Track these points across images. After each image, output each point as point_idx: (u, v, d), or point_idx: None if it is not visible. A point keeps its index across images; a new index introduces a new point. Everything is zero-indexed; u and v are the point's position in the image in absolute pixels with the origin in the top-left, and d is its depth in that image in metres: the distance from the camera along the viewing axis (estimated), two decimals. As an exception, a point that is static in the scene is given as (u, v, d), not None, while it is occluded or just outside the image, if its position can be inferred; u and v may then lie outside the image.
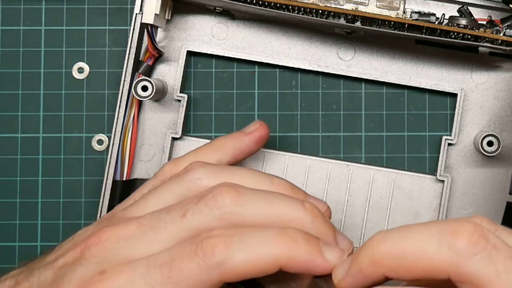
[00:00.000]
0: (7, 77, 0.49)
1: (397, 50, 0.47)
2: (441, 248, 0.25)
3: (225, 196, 0.30)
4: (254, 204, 0.31)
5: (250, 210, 0.30)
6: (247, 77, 0.49)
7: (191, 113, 0.49)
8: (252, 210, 0.30)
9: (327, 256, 0.29)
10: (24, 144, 0.49)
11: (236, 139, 0.40)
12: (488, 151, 0.45)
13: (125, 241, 0.30)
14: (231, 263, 0.28)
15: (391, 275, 0.26)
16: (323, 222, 0.32)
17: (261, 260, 0.29)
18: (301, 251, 0.29)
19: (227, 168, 0.35)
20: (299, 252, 0.29)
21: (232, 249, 0.28)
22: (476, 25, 0.42)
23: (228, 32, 0.48)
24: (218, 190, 0.31)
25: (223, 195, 0.30)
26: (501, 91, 0.47)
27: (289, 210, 0.31)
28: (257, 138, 0.40)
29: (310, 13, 0.42)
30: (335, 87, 0.49)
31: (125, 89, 0.46)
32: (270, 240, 0.29)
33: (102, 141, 0.49)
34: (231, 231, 0.29)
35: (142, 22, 0.45)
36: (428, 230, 0.26)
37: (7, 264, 0.48)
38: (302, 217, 0.31)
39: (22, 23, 0.49)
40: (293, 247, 0.29)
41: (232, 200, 0.30)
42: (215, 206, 0.30)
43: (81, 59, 0.49)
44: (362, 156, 0.48)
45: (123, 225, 0.31)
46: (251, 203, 0.31)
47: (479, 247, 0.25)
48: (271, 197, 0.31)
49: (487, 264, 0.24)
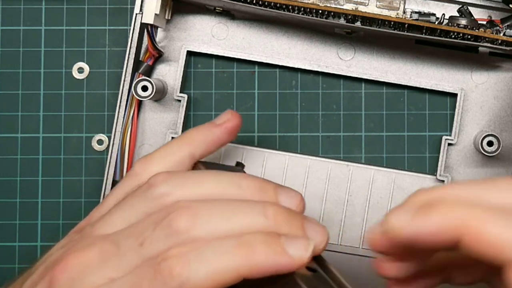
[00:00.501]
0: (7, 77, 0.49)
1: (397, 50, 0.47)
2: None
3: (180, 221, 0.30)
4: (211, 224, 0.30)
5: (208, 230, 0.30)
6: (247, 77, 0.49)
7: (191, 113, 0.49)
8: (210, 230, 0.30)
9: (291, 252, 0.28)
10: (24, 144, 0.49)
11: (207, 131, 0.39)
12: (488, 151, 0.45)
13: (89, 268, 0.30)
14: (191, 283, 0.28)
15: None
16: (287, 221, 0.31)
17: (222, 275, 0.28)
18: (261, 257, 0.28)
19: (191, 177, 0.33)
20: (259, 258, 0.28)
21: (190, 268, 0.28)
22: (476, 25, 0.42)
23: (228, 32, 0.48)
24: (173, 215, 0.30)
25: (178, 219, 0.30)
26: (501, 91, 0.47)
27: (250, 224, 0.30)
28: (229, 129, 0.39)
29: (310, 13, 0.42)
30: (335, 87, 0.49)
31: (125, 89, 0.46)
32: (227, 253, 0.28)
33: (102, 141, 0.49)
34: (188, 248, 0.29)
35: (142, 22, 0.45)
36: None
37: (7, 264, 0.48)
38: (264, 225, 0.30)
39: (22, 23, 0.49)
40: (252, 255, 0.28)
41: (187, 223, 0.30)
42: (171, 232, 0.30)
43: (81, 59, 0.49)
44: (362, 156, 0.48)
45: (87, 251, 0.31)
46: (208, 224, 0.30)
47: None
48: (231, 212, 0.31)
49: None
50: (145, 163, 0.36)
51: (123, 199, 0.34)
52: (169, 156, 0.36)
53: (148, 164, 0.36)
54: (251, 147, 0.47)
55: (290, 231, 0.30)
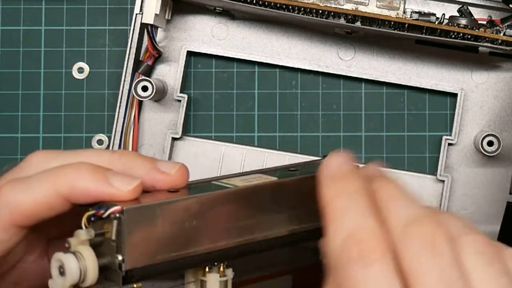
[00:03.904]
0: (7, 77, 0.49)
1: (397, 50, 0.47)
2: None
3: (34, 155, 0.32)
4: (60, 156, 0.32)
5: (57, 162, 0.31)
6: (247, 77, 0.49)
7: (191, 113, 0.49)
8: (59, 161, 0.31)
9: (115, 183, 0.29)
10: (24, 144, 0.49)
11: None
12: (488, 151, 0.45)
13: None
14: (15, 203, 0.29)
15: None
16: (133, 156, 0.32)
17: (43, 194, 0.29)
18: (83, 180, 0.29)
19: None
20: (81, 181, 0.29)
21: (16, 188, 0.30)
22: (476, 25, 0.42)
23: (228, 32, 0.48)
24: (30, 154, 0.32)
25: (32, 155, 0.32)
26: (501, 91, 0.47)
27: (95, 157, 0.31)
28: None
29: (310, 13, 0.42)
30: (335, 87, 0.49)
31: (125, 89, 0.46)
32: (51, 175, 0.30)
33: (102, 141, 0.49)
34: (23, 176, 0.31)
35: (142, 22, 0.45)
36: None
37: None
38: (109, 158, 0.32)
39: (22, 23, 0.49)
40: (74, 177, 0.29)
41: (39, 156, 0.32)
42: (25, 165, 0.31)
43: (81, 59, 0.49)
44: (362, 156, 0.48)
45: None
46: (57, 156, 0.32)
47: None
48: (79, 150, 0.32)
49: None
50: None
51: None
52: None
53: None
54: (251, 147, 0.47)
55: (137, 167, 0.31)
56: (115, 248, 0.28)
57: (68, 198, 0.29)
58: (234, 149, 0.47)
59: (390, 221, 0.26)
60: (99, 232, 0.28)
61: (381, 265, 0.24)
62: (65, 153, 0.32)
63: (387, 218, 0.26)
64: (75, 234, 0.28)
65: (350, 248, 0.25)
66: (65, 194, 0.29)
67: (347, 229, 0.26)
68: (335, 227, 0.26)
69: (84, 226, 0.28)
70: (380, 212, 0.27)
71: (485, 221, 0.46)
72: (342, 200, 0.27)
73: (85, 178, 0.29)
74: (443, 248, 0.24)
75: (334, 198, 0.27)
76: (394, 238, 0.25)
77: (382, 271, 0.24)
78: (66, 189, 0.29)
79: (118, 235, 0.28)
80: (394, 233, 0.26)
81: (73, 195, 0.29)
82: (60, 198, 0.29)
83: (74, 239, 0.28)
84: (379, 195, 0.28)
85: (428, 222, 0.26)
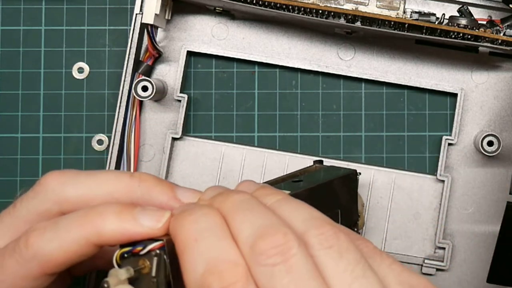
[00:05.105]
0: (7, 77, 0.49)
1: (397, 50, 0.47)
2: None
3: (48, 177, 0.31)
4: (77, 181, 0.31)
5: (74, 187, 0.31)
6: (247, 77, 0.49)
7: (191, 113, 0.49)
8: (76, 186, 0.31)
9: (143, 222, 0.29)
10: (24, 144, 0.49)
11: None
12: (488, 151, 0.45)
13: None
14: (44, 253, 0.29)
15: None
16: (153, 182, 0.32)
17: (72, 243, 0.29)
18: (110, 224, 0.29)
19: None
20: (108, 226, 0.29)
21: (44, 239, 0.29)
22: (476, 25, 0.42)
23: (228, 32, 0.48)
24: (44, 176, 0.32)
25: (47, 177, 0.32)
26: (501, 91, 0.47)
27: (114, 181, 0.31)
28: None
29: (310, 13, 0.42)
30: (335, 87, 0.49)
31: (125, 89, 0.46)
32: (76, 222, 0.29)
33: (102, 141, 0.49)
34: (48, 222, 0.30)
35: (142, 22, 0.45)
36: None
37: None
38: (128, 183, 0.31)
39: (22, 23, 0.49)
40: (100, 222, 0.29)
41: (54, 180, 0.31)
42: (40, 189, 0.31)
43: (81, 59, 0.49)
44: (362, 156, 0.48)
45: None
46: (73, 180, 0.31)
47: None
48: (97, 172, 0.32)
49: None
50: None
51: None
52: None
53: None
54: (251, 147, 0.47)
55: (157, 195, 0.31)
56: (156, 284, 0.27)
57: (97, 243, 0.29)
58: (234, 149, 0.47)
59: (239, 240, 0.26)
60: (136, 269, 0.27)
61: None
62: (81, 176, 0.32)
63: (236, 236, 0.26)
64: (111, 274, 0.27)
65: (211, 283, 0.25)
66: (94, 241, 0.29)
67: (204, 259, 0.25)
68: (191, 257, 0.26)
69: (116, 263, 0.28)
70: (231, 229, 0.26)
71: (485, 221, 0.46)
72: (193, 226, 0.27)
73: (113, 223, 0.29)
74: (296, 262, 0.24)
75: (185, 226, 0.27)
76: (246, 259, 0.25)
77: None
78: (95, 236, 0.29)
79: (158, 271, 0.27)
80: (244, 253, 0.25)
81: (103, 240, 0.29)
82: (89, 245, 0.29)
83: (112, 279, 0.27)
84: (222, 211, 0.27)
85: (273, 231, 0.25)
